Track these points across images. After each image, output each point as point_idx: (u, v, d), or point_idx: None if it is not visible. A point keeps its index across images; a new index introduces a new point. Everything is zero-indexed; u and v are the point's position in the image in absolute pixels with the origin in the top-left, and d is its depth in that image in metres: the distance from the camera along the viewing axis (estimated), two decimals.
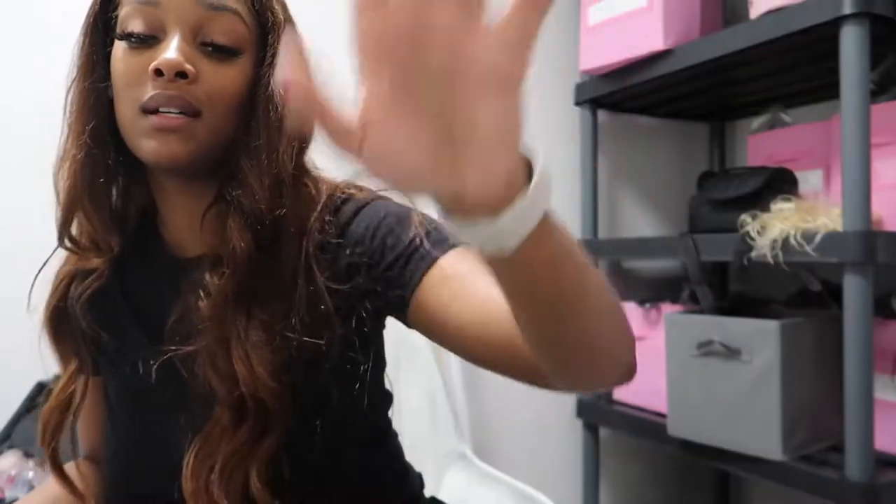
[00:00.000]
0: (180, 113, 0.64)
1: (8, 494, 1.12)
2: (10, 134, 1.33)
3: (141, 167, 0.71)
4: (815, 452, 1.31)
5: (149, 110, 0.64)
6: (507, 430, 1.82)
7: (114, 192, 0.72)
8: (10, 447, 1.17)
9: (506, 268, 0.42)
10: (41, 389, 1.23)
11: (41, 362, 0.87)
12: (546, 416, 1.88)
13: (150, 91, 0.64)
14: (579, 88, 1.80)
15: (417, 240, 0.65)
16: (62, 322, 0.74)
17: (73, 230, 0.72)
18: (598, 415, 1.78)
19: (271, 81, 0.67)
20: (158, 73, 0.63)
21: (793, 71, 1.54)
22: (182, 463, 0.66)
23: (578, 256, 0.45)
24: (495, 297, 0.54)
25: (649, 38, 1.53)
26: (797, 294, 1.65)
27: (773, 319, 1.28)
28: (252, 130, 0.67)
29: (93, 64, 0.69)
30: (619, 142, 1.99)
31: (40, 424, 0.75)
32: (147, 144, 0.65)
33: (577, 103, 1.81)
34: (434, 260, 0.64)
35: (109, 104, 0.68)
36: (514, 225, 0.37)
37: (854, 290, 1.17)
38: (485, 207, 0.36)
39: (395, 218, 0.69)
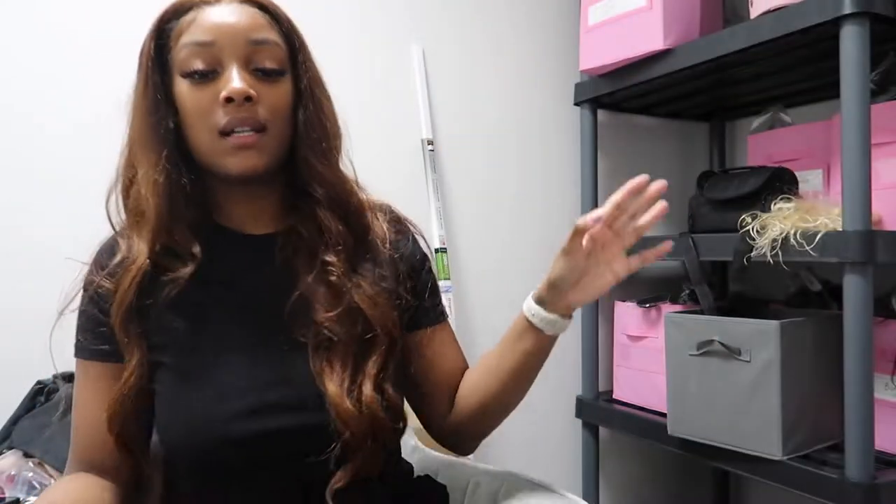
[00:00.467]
0: (252, 131, 0.78)
1: (7, 494, 1.12)
2: (11, 134, 1.33)
3: (204, 179, 0.84)
4: (815, 452, 1.31)
5: (225, 133, 0.78)
6: (507, 429, 1.81)
7: (186, 205, 0.83)
8: (10, 447, 1.17)
9: (546, 345, 0.93)
10: (41, 389, 1.23)
11: (46, 361, 0.88)
12: (546, 415, 1.88)
13: (223, 117, 0.77)
14: (579, 88, 1.80)
15: (442, 297, 1.02)
16: (134, 320, 0.81)
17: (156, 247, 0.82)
18: (597, 414, 1.78)
19: (314, 88, 0.84)
20: (229, 100, 0.77)
21: (793, 71, 1.54)
22: (263, 400, 0.79)
23: None
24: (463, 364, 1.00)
25: (649, 37, 1.53)
26: (797, 294, 1.65)
27: (773, 319, 1.28)
28: (311, 131, 0.83)
29: (157, 103, 0.80)
30: (618, 141, 1.99)
31: (107, 413, 0.79)
32: (230, 162, 0.79)
33: (577, 103, 1.82)
34: (447, 317, 1.02)
35: (175, 132, 0.81)
36: (566, 324, 0.91)
37: (854, 289, 1.17)
38: (567, 315, 0.92)
39: (431, 264, 1.00)
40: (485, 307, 1.80)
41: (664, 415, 1.50)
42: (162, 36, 0.81)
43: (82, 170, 1.32)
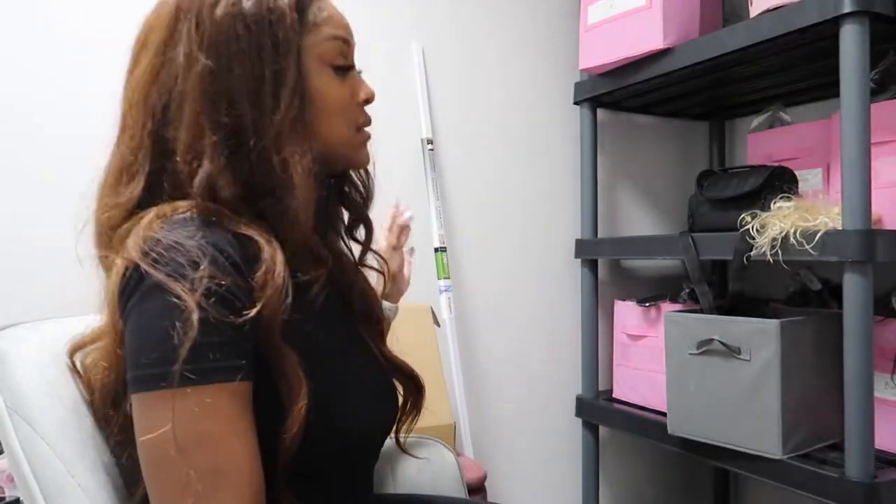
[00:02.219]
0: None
1: (8, 493, 1.11)
2: (10, 135, 1.33)
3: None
4: (815, 451, 1.31)
5: (359, 129, 0.83)
6: (507, 428, 1.82)
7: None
8: None
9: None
10: None
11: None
12: (546, 415, 1.88)
13: (362, 114, 0.83)
14: (579, 87, 1.80)
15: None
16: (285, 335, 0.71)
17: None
18: (597, 413, 1.78)
19: None
20: (367, 101, 0.83)
21: (792, 70, 1.54)
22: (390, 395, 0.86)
23: None
24: None
25: (649, 36, 1.53)
26: (797, 293, 1.65)
27: (773, 318, 1.28)
28: None
29: (302, 88, 0.76)
30: (618, 141, 1.99)
31: (291, 435, 0.68)
32: (362, 154, 0.85)
33: (577, 102, 1.82)
34: None
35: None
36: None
37: (854, 288, 1.17)
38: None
39: None
40: (484, 306, 1.80)
41: (664, 414, 1.50)
42: (299, 20, 0.76)
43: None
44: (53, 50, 1.36)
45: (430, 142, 1.70)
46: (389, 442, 0.93)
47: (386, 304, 1.04)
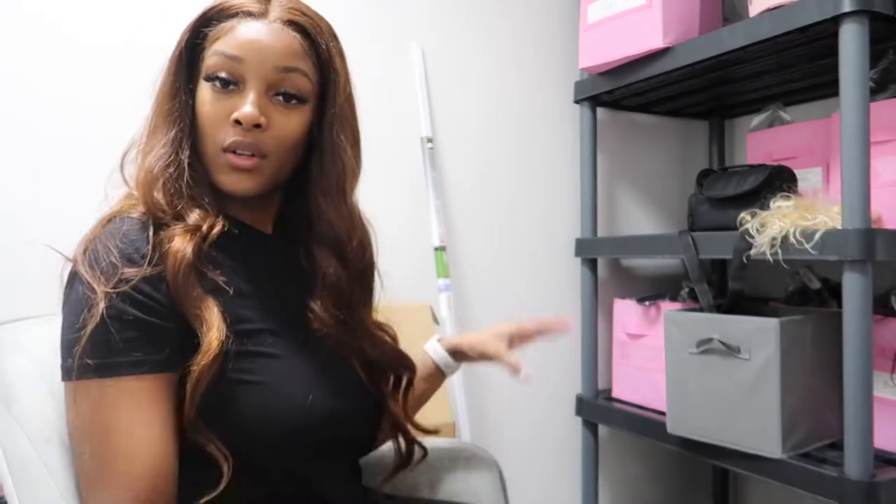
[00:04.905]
0: (252, 155, 0.79)
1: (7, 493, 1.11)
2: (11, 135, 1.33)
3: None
4: (815, 450, 1.31)
5: (227, 150, 0.79)
6: (507, 428, 1.82)
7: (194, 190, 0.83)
8: None
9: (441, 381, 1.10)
10: None
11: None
12: (545, 414, 1.88)
13: (230, 136, 0.79)
14: (578, 86, 1.80)
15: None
16: (203, 303, 0.77)
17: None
18: (597, 413, 1.78)
19: (335, 126, 0.84)
20: (238, 122, 0.78)
21: (792, 69, 1.54)
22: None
23: None
24: None
25: (649, 35, 1.53)
26: (796, 292, 1.65)
27: (773, 317, 1.28)
28: (324, 171, 0.84)
29: (177, 91, 0.81)
30: (618, 140, 1.99)
31: (189, 416, 0.73)
32: (226, 179, 0.80)
33: (577, 101, 1.81)
34: None
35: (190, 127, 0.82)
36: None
37: (853, 287, 1.17)
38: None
39: None
40: (484, 305, 1.80)
41: (664, 413, 1.50)
42: (199, 35, 0.81)
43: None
44: (54, 50, 1.36)
45: (429, 140, 1.70)
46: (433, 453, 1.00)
47: (443, 356, 1.08)
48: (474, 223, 1.79)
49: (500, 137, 1.83)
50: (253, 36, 0.79)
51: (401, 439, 0.97)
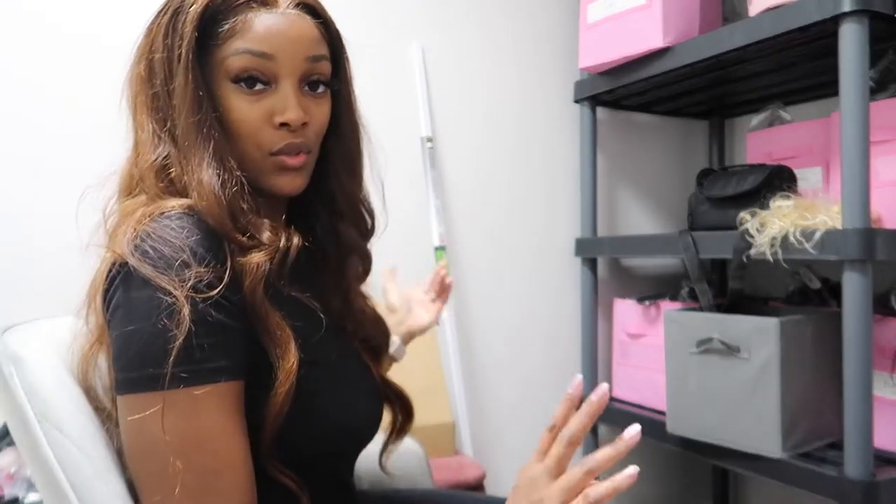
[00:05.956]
0: (299, 153, 0.76)
1: (7, 492, 1.12)
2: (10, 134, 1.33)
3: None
4: (815, 450, 1.31)
5: (277, 153, 0.75)
6: (507, 427, 1.82)
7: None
8: (10, 444, 1.17)
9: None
10: None
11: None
12: (545, 413, 1.88)
13: (277, 140, 0.74)
14: (578, 86, 1.80)
15: None
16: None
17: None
18: None
19: (353, 105, 0.85)
20: (284, 125, 0.74)
21: (792, 68, 1.54)
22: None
23: None
24: None
25: (648, 35, 1.53)
26: (796, 291, 1.65)
27: (773, 317, 1.28)
28: (347, 151, 0.84)
29: (200, 100, 0.73)
30: (618, 139, 1.99)
31: (269, 432, 0.70)
32: (276, 181, 0.76)
33: (577, 100, 1.81)
34: None
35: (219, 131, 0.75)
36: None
37: (853, 287, 1.17)
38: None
39: None
40: (484, 305, 1.80)
41: (663, 413, 1.50)
42: (207, 31, 0.73)
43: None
44: (54, 50, 1.36)
45: (429, 140, 1.70)
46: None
47: (395, 341, 1.05)
48: (474, 223, 1.79)
49: (500, 137, 1.84)
50: (277, 28, 0.73)
51: (397, 407, 0.97)
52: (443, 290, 1.19)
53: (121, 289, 0.66)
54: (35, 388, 0.73)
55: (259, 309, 0.69)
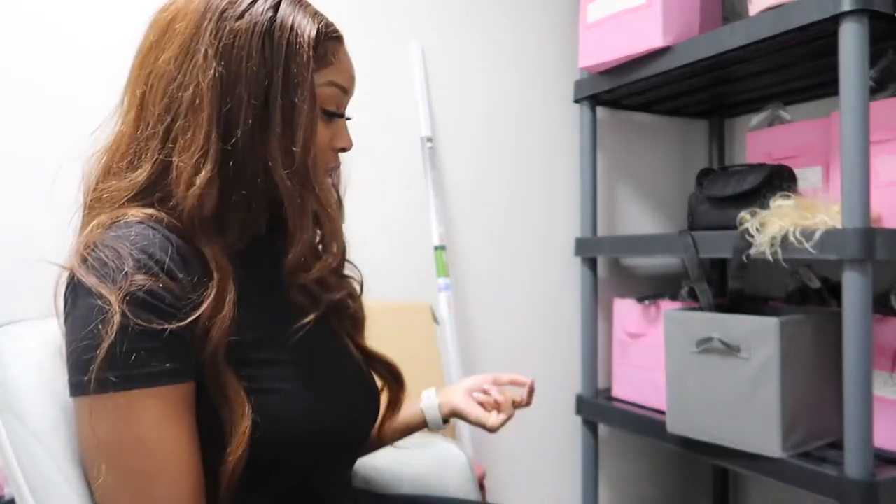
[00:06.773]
0: None
1: (7, 492, 1.12)
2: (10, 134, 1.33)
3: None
4: (815, 449, 1.31)
5: (328, 171, 0.82)
6: (507, 427, 1.82)
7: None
8: None
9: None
10: None
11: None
12: (545, 413, 1.88)
13: (331, 160, 0.82)
14: (578, 85, 1.80)
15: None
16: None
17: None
18: (597, 412, 1.78)
19: None
20: (343, 150, 0.83)
21: (792, 68, 1.54)
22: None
23: None
24: None
25: (648, 35, 1.53)
26: (796, 291, 1.65)
27: (772, 316, 1.28)
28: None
29: (315, 123, 0.78)
30: (618, 139, 1.99)
31: (244, 429, 0.68)
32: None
33: (577, 100, 1.82)
34: None
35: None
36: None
37: (853, 286, 1.17)
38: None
39: None
40: (483, 305, 1.80)
41: (663, 412, 1.50)
42: (314, 58, 0.75)
43: None
44: (54, 50, 1.36)
45: (429, 139, 1.70)
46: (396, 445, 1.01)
47: (432, 410, 1.05)
48: (474, 223, 1.79)
49: (500, 137, 1.83)
50: (351, 66, 0.82)
51: (387, 378, 0.95)
52: (523, 400, 1.18)
53: (70, 298, 0.68)
54: (5, 380, 0.75)
55: (216, 369, 0.69)
